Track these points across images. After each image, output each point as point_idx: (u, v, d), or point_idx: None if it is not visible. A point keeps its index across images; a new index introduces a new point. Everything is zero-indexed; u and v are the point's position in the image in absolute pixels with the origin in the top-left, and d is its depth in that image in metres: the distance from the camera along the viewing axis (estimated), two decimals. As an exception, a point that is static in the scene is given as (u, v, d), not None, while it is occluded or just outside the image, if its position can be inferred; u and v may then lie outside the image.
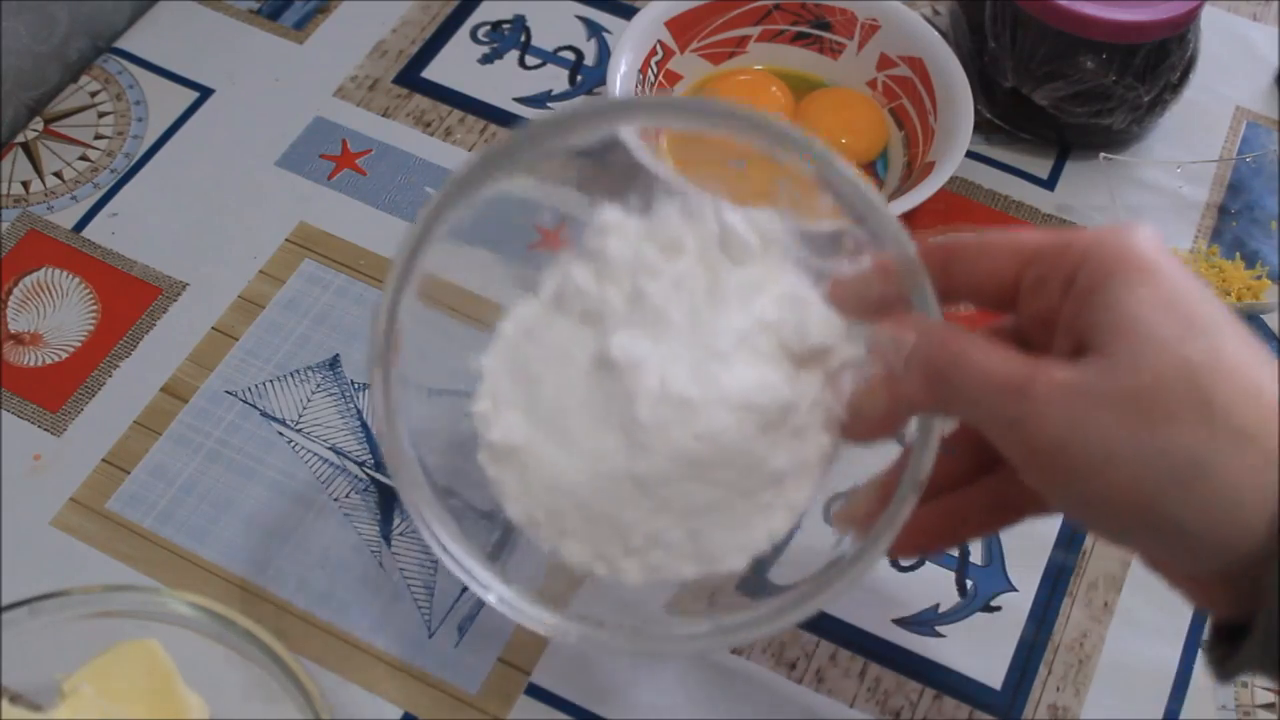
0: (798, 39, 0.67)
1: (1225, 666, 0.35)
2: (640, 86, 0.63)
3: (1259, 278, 0.62)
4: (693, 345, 0.40)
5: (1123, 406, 0.33)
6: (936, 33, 0.64)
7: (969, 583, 0.53)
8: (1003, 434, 0.35)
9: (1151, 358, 0.33)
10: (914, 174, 0.61)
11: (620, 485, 0.40)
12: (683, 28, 0.65)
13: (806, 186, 0.44)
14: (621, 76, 0.62)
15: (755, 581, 0.52)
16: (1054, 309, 0.36)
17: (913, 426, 0.40)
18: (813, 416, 0.40)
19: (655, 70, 0.64)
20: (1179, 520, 0.33)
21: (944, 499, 0.41)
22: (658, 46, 0.64)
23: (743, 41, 0.67)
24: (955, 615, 0.52)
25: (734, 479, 0.40)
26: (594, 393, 0.40)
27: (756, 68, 0.67)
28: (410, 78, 0.68)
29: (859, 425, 0.40)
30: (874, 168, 0.64)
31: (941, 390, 0.36)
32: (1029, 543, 0.54)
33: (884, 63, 0.65)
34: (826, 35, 0.66)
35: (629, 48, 0.63)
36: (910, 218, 0.60)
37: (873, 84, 0.66)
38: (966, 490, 0.42)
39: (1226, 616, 0.36)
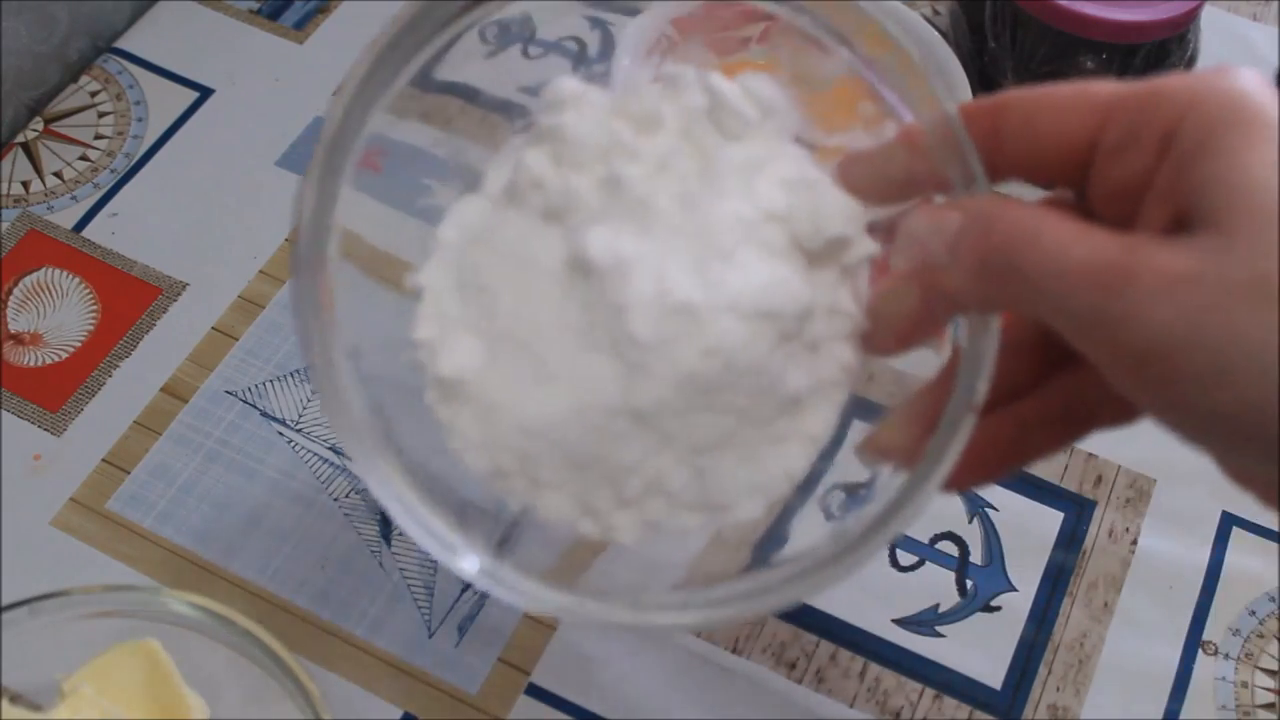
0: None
1: None
2: None
3: (1259, 278, 0.62)
4: (689, 240, 0.32)
5: (1250, 292, 0.26)
6: (936, 33, 0.64)
7: (969, 583, 0.53)
8: (1092, 335, 0.28)
9: (1267, 238, 0.26)
10: None
11: (613, 420, 0.32)
12: (688, 27, 0.65)
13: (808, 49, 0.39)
14: (624, 71, 0.62)
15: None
16: (1142, 177, 0.29)
17: (959, 330, 0.32)
18: (831, 326, 0.33)
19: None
20: None
21: (999, 414, 0.33)
22: (663, 43, 0.64)
23: (745, 42, 0.67)
24: (955, 615, 0.52)
25: (747, 405, 0.32)
26: (569, 305, 0.32)
27: (759, 63, 0.67)
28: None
29: (883, 333, 0.33)
30: None
31: (1005, 282, 0.29)
32: (1029, 543, 0.54)
33: None
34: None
35: (633, 44, 0.63)
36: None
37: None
38: (1027, 400, 0.34)
39: None
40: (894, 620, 0.52)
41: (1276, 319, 0.26)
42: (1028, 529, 0.54)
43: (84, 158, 0.62)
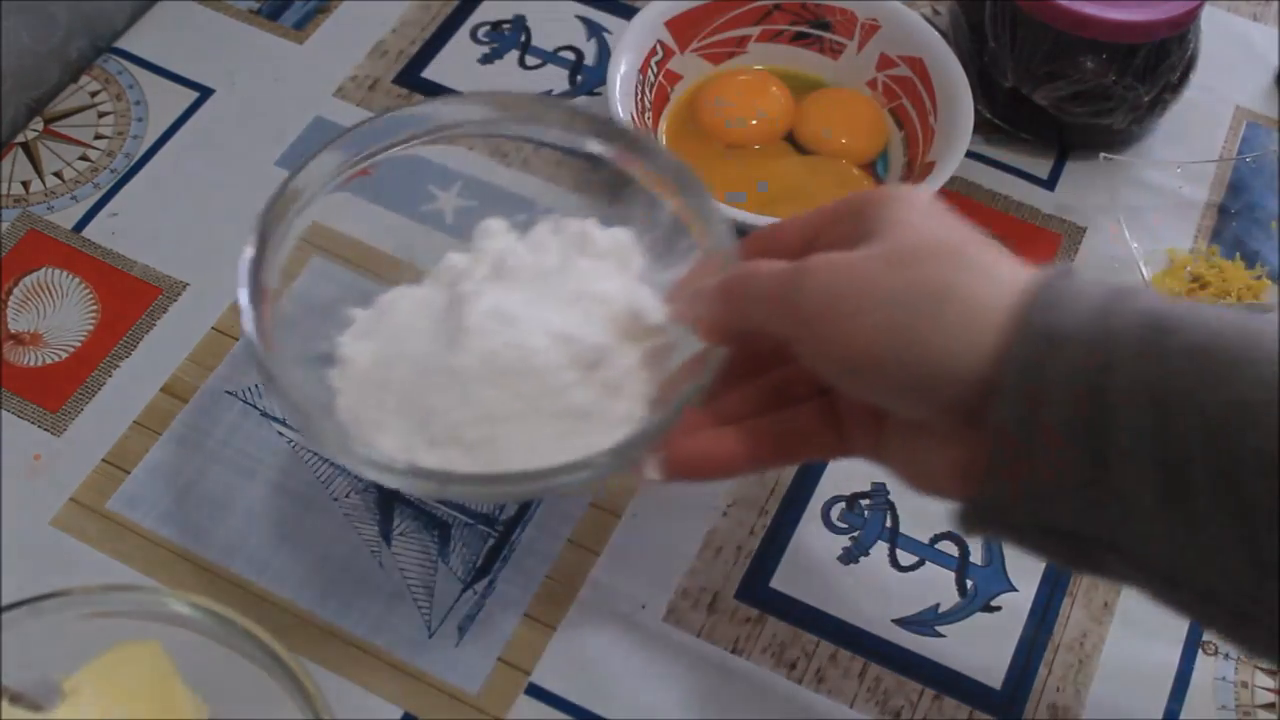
0: (798, 39, 0.67)
1: (964, 517, 0.39)
2: (640, 87, 0.63)
3: (1259, 278, 0.62)
4: (533, 295, 0.47)
5: (884, 258, 0.38)
6: (936, 33, 0.64)
7: (969, 583, 0.53)
8: (782, 317, 0.40)
9: (913, 236, 0.39)
10: (914, 174, 0.61)
11: (435, 376, 0.45)
12: (683, 27, 0.65)
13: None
14: (621, 76, 0.62)
15: (756, 586, 0.52)
16: (834, 239, 0.42)
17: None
18: (630, 382, 0.46)
19: (655, 70, 0.64)
20: (928, 343, 0.36)
21: (724, 429, 0.44)
22: (658, 46, 0.64)
23: (742, 41, 0.67)
24: (955, 615, 0.52)
25: (535, 396, 0.44)
26: (439, 320, 0.47)
27: (756, 68, 0.67)
28: (410, 78, 0.68)
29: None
30: (874, 168, 0.64)
31: (736, 301, 0.42)
32: (1029, 543, 0.54)
33: (884, 63, 0.65)
34: (826, 35, 0.66)
35: (629, 48, 0.63)
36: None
37: (873, 84, 0.66)
38: (749, 421, 0.44)
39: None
40: (894, 620, 0.52)
41: (894, 265, 0.38)
42: (1028, 529, 0.54)
43: (84, 158, 0.62)
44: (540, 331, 0.45)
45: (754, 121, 0.64)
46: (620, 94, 0.61)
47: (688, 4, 0.65)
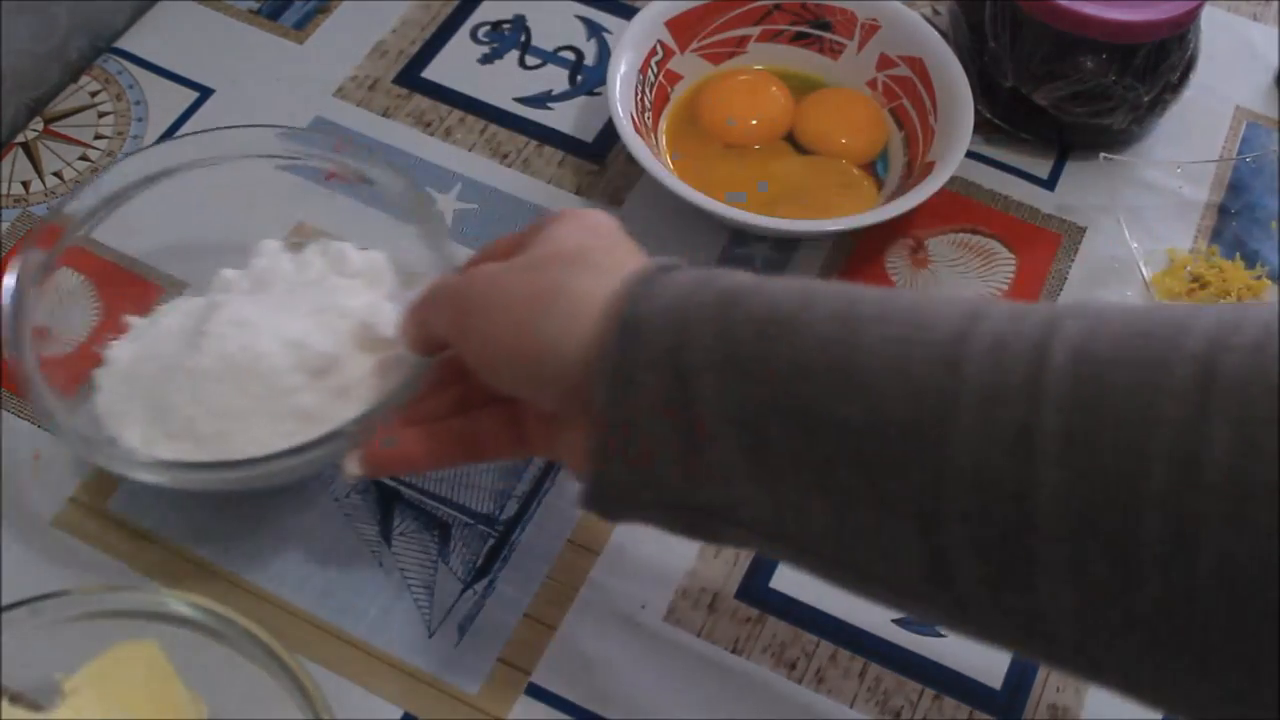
0: (798, 39, 0.67)
1: (583, 498, 0.41)
2: (640, 86, 0.63)
3: (1259, 278, 0.62)
4: (278, 307, 0.51)
5: (524, 266, 0.43)
6: (936, 33, 0.64)
7: (969, 583, 0.53)
8: (451, 323, 0.44)
9: (554, 245, 0.43)
10: (914, 174, 0.61)
11: (174, 375, 0.50)
12: (683, 27, 0.65)
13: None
14: (621, 76, 0.62)
15: (756, 587, 0.52)
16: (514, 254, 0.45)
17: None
18: (359, 389, 0.50)
19: (655, 70, 0.64)
20: (539, 336, 0.40)
21: (410, 429, 0.47)
22: (658, 46, 0.64)
23: (743, 41, 0.67)
24: (955, 615, 0.52)
25: (264, 396, 0.49)
26: (190, 328, 0.51)
27: (756, 68, 0.67)
28: (410, 78, 0.68)
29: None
30: (874, 168, 0.64)
31: (424, 313, 0.46)
32: (1029, 543, 0.54)
33: (884, 63, 0.65)
34: (826, 35, 0.66)
35: (629, 47, 0.63)
36: (911, 217, 0.60)
37: (873, 84, 0.66)
38: (433, 424, 0.48)
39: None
40: (894, 620, 0.52)
41: (529, 272, 0.42)
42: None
43: (84, 158, 0.62)
44: (273, 338, 0.49)
45: (754, 122, 0.64)
46: (620, 94, 0.61)
47: (688, 4, 0.65)
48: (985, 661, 0.51)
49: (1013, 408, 0.33)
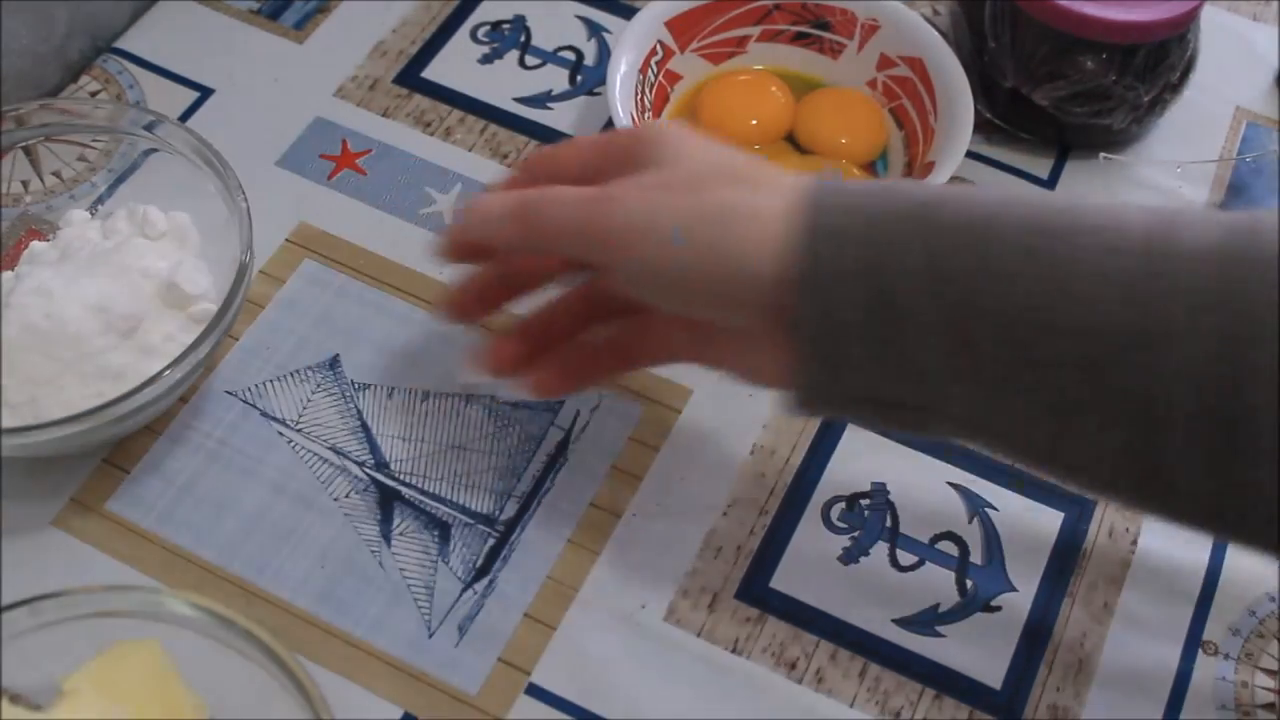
0: (798, 39, 0.67)
1: (790, 403, 0.43)
2: (640, 86, 0.63)
3: (1259, 278, 0.62)
4: (80, 272, 0.53)
5: (677, 185, 0.43)
6: (936, 33, 0.64)
7: (969, 583, 0.53)
8: (591, 243, 0.43)
9: (696, 161, 0.44)
10: (914, 174, 0.61)
11: None
12: (683, 28, 0.65)
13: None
14: (621, 76, 0.62)
15: (756, 587, 0.52)
16: (613, 168, 0.45)
17: None
18: (167, 346, 0.52)
19: (655, 70, 0.64)
20: (730, 253, 0.41)
21: (564, 348, 0.50)
22: (658, 46, 0.64)
23: (743, 41, 0.67)
24: (955, 615, 0.52)
25: (71, 360, 0.51)
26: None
27: (756, 68, 0.67)
28: (410, 78, 0.68)
29: (462, 297, 0.51)
30: (874, 168, 0.64)
31: (536, 224, 0.45)
32: (1029, 543, 0.54)
33: (884, 63, 0.65)
34: (826, 35, 0.66)
35: (629, 47, 0.63)
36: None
37: (873, 84, 0.66)
38: (563, 347, 0.50)
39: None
40: (894, 620, 0.52)
41: (687, 191, 0.42)
42: (1028, 529, 0.54)
43: (82, 158, 0.62)
44: (75, 302, 0.51)
45: (754, 122, 0.64)
46: (620, 94, 0.61)
47: (688, 4, 0.65)
48: (985, 662, 0.51)
49: (1219, 313, 0.36)
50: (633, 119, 0.60)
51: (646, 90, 0.63)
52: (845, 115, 0.65)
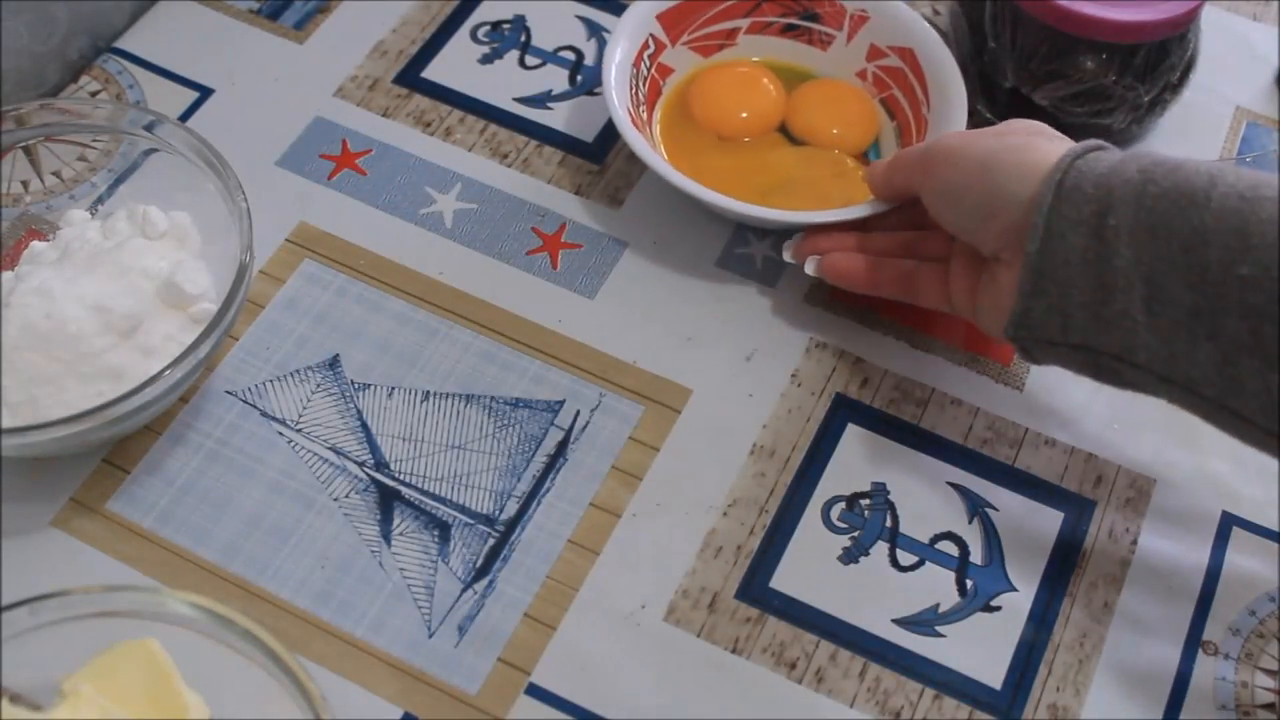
0: (787, 31, 0.67)
1: (1006, 330, 0.49)
2: (634, 80, 0.63)
3: (1259, 278, 0.62)
4: (81, 271, 0.53)
5: (991, 132, 0.52)
6: (925, 23, 0.64)
7: (969, 583, 0.53)
8: (915, 172, 0.54)
9: (1011, 125, 0.53)
10: None
11: None
12: (673, 21, 0.65)
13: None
14: (616, 70, 0.62)
15: (756, 587, 0.52)
16: None
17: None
18: (167, 346, 0.53)
19: (649, 64, 0.64)
20: (1000, 181, 0.49)
21: (864, 256, 0.58)
22: (649, 40, 0.64)
23: (732, 34, 0.67)
24: (955, 615, 0.52)
25: (71, 360, 0.51)
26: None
27: (751, 60, 0.67)
28: (410, 78, 0.68)
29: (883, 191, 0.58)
30: (866, 158, 0.64)
31: (892, 170, 0.57)
32: (1029, 543, 0.54)
33: (874, 53, 0.65)
34: (816, 27, 0.66)
35: (622, 41, 0.63)
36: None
37: (863, 74, 0.66)
38: (883, 257, 0.58)
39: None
40: (894, 620, 0.52)
41: (995, 135, 0.52)
42: (1028, 529, 0.54)
43: (82, 158, 0.62)
44: (75, 302, 0.51)
45: (744, 115, 0.65)
46: (615, 88, 0.61)
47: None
48: (985, 662, 0.51)
49: None
50: (628, 112, 0.60)
51: (640, 84, 0.63)
52: (836, 106, 0.65)
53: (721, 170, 0.63)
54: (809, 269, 0.58)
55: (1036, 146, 0.49)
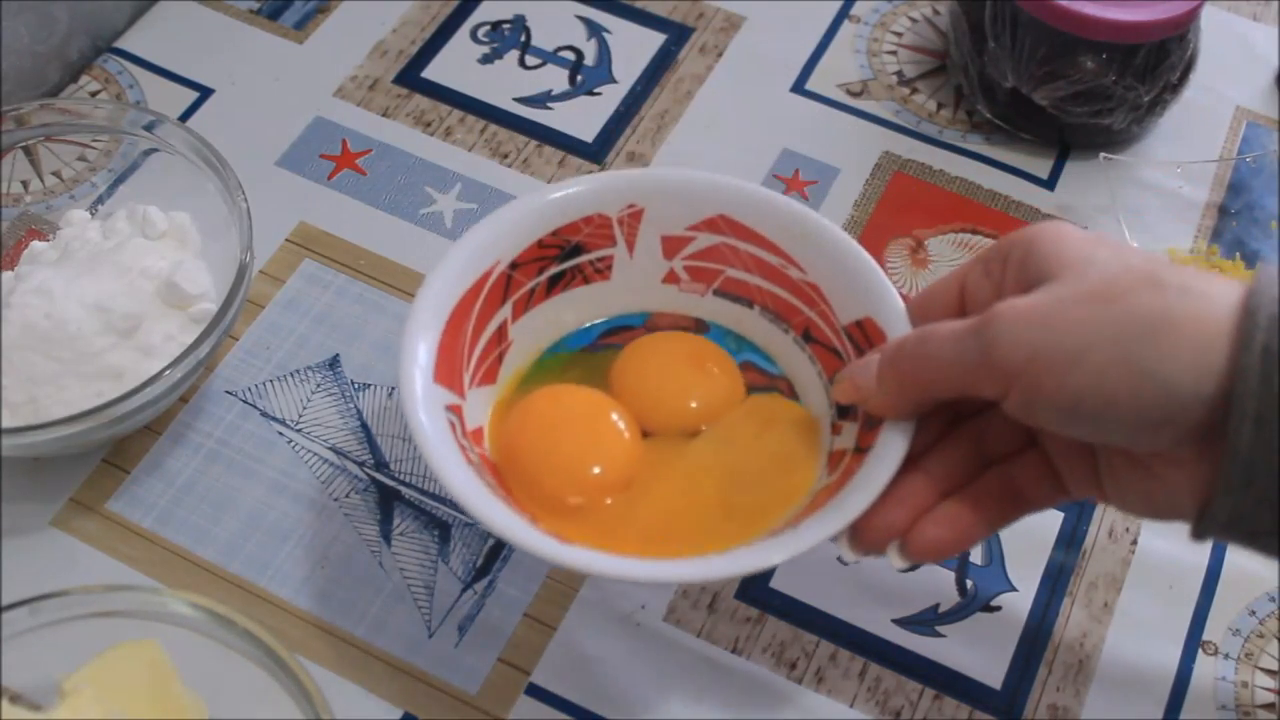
0: (554, 287, 0.51)
1: (1201, 529, 0.39)
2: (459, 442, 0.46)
3: (1259, 278, 0.62)
4: (80, 271, 0.53)
5: (1082, 300, 0.38)
6: (728, 179, 0.50)
7: (969, 583, 0.53)
8: (978, 377, 0.39)
9: (1099, 269, 0.38)
10: (867, 341, 0.47)
11: None
12: (446, 368, 0.47)
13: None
14: (428, 432, 0.44)
15: (756, 587, 0.52)
16: (997, 287, 0.42)
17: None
18: (167, 346, 0.53)
19: (459, 424, 0.47)
20: (1157, 374, 0.36)
21: (949, 503, 0.43)
22: (446, 412, 0.46)
23: (501, 336, 0.50)
24: (955, 615, 0.52)
25: (71, 360, 0.51)
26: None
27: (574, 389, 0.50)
28: (410, 78, 0.68)
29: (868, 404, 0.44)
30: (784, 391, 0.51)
31: (914, 372, 0.42)
32: (1029, 543, 0.54)
33: (672, 244, 0.50)
34: (583, 258, 0.51)
35: (421, 406, 0.45)
36: (910, 217, 0.60)
37: (672, 278, 0.51)
38: (969, 489, 0.43)
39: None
40: (894, 620, 0.52)
41: (1097, 306, 0.37)
42: (1028, 529, 0.54)
43: (82, 158, 0.62)
44: (75, 302, 0.51)
45: (597, 470, 0.47)
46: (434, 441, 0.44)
47: (433, 344, 0.47)
48: (985, 662, 0.51)
49: None
50: (472, 465, 0.45)
51: (466, 444, 0.46)
52: (665, 374, 0.50)
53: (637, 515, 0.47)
54: (895, 561, 0.43)
55: (1178, 308, 0.37)
